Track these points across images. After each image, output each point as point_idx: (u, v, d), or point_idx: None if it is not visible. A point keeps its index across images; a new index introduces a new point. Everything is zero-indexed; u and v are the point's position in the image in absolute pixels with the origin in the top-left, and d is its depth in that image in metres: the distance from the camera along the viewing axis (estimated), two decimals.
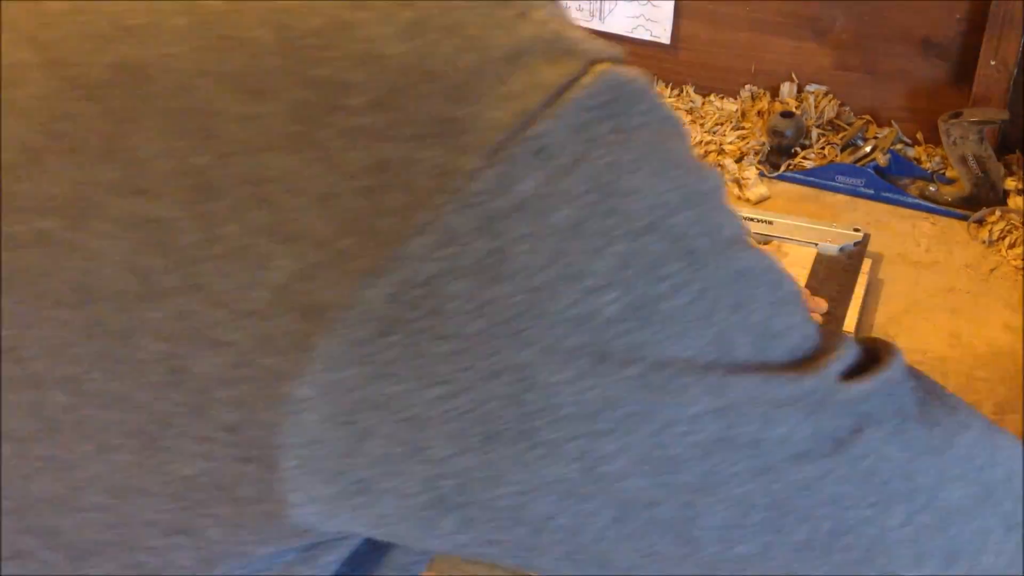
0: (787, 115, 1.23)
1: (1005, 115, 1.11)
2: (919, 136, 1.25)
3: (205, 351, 0.36)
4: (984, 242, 1.11)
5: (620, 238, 0.35)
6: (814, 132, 1.26)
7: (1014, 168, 1.17)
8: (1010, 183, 1.15)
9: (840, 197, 1.20)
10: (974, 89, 1.15)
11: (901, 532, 0.43)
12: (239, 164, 0.34)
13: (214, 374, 0.36)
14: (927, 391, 0.44)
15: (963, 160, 1.11)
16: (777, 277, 0.40)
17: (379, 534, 0.40)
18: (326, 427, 0.36)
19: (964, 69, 1.18)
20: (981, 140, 1.10)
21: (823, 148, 1.25)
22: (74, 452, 0.38)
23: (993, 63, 1.13)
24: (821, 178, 1.21)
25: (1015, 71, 1.13)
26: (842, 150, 1.23)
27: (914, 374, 0.44)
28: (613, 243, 0.35)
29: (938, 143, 1.20)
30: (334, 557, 0.44)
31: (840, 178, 1.20)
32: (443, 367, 0.35)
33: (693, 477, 0.39)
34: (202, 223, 0.35)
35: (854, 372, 0.42)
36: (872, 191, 1.19)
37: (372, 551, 0.47)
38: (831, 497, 0.41)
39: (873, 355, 0.44)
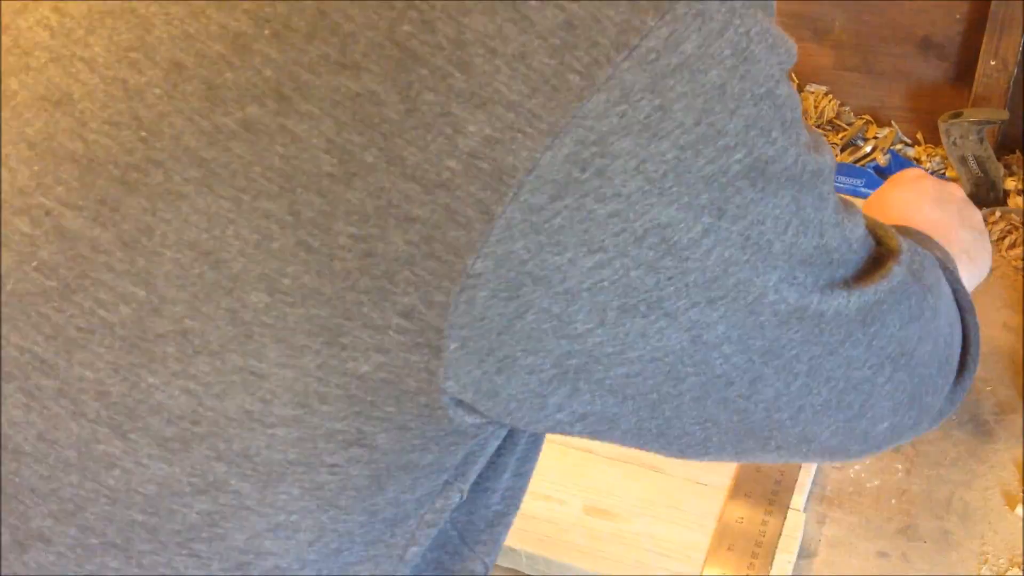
0: None
1: (1005, 115, 1.10)
2: (919, 136, 1.24)
3: (394, 230, 0.37)
4: None
5: (748, 101, 0.39)
6: None
7: (1014, 168, 1.17)
8: (1010, 183, 1.15)
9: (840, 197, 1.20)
10: (974, 89, 1.15)
11: (885, 388, 0.50)
12: (441, 30, 0.36)
13: (400, 253, 0.37)
14: (913, 272, 0.50)
15: (963, 160, 1.11)
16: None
17: (501, 415, 0.42)
18: (491, 303, 0.38)
19: (964, 69, 1.18)
20: (981, 140, 1.10)
21: None
22: (265, 360, 0.39)
23: (993, 63, 1.12)
24: None
25: (1015, 71, 1.12)
26: (842, 150, 1.23)
27: (909, 258, 0.50)
28: (743, 106, 0.38)
29: (938, 143, 1.20)
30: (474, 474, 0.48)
31: (840, 178, 1.20)
32: (600, 232, 0.37)
33: (766, 342, 0.43)
34: (403, 94, 0.36)
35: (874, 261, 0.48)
36: (872, 191, 1.19)
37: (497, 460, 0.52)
38: (846, 360, 0.47)
39: (878, 240, 0.50)
